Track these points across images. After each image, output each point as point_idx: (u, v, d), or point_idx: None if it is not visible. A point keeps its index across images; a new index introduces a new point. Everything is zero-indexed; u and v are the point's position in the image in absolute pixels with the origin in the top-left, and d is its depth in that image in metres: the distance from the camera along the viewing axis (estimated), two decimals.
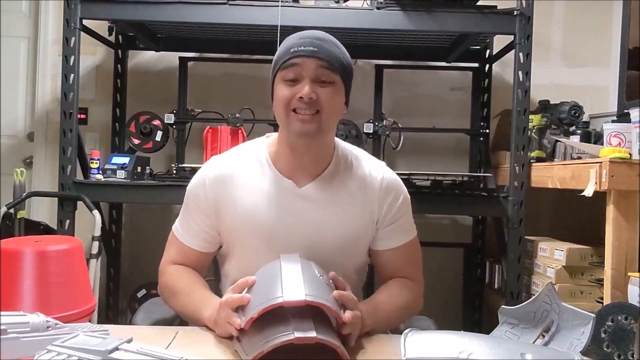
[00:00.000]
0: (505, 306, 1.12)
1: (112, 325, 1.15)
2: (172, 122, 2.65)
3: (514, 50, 2.24)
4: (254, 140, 1.36)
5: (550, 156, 2.34)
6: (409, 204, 1.34)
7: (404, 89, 2.93)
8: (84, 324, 1.03)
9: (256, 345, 0.94)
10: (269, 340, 0.92)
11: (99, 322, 1.46)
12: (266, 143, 1.32)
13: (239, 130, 2.57)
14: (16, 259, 1.18)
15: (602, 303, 1.74)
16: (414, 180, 2.42)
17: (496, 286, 2.61)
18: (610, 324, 1.10)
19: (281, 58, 1.19)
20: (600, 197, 1.71)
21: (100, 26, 2.55)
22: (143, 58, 2.96)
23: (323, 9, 2.24)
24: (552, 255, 2.14)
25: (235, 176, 1.27)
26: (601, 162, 1.68)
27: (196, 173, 1.32)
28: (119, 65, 2.82)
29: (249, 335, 1.00)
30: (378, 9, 2.22)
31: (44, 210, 2.87)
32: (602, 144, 1.95)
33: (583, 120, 2.36)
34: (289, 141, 1.24)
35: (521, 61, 2.21)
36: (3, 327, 0.88)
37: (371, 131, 2.58)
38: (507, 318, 1.11)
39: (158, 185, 2.36)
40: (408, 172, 2.39)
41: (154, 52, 2.86)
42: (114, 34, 2.66)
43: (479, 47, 2.76)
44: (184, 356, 0.85)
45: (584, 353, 0.98)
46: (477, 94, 2.79)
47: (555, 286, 1.12)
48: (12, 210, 2.29)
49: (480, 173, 2.66)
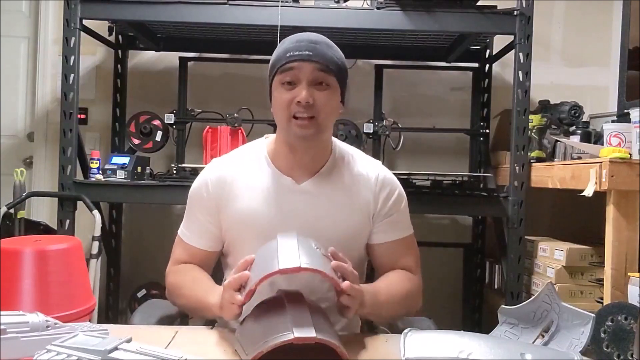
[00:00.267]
0: (505, 306, 1.12)
1: (112, 324, 1.15)
2: (172, 122, 2.65)
3: (514, 50, 2.24)
4: (253, 141, 1.40)
5: (550, 156, 2.34)
6: (404, 201, 1.37)
7: (404, 89, 2.93)
8: (84, 323, 1.02)
9: (256, 345, 0.94)
10: (269, 340, 0.92)
11: (99, 322, 1.46)
12: (265, 143, 1.36)
13: (239, 130, 2.57)
14: (16, 259, 1.18)
15: (602, 303, 1.74)
16: (414, 180, 2.42)
17: (496, 286, 2.61)
18: (610, 324, 1.10)
19: (278, 62, 1.22)
20: (600, 197, 1.71)
21: (100, 26, 2.55)
22: (143, 58, 2.96)
23: (323, 9, 2.24)
24: (552, 255, 2.14)
25: (235, 176, 1.31)
26: (601, 162, 1.68)
27: (198, 176, 1.36)
28: (119, 65, 2.82)
29: (248, 335, 1.00)
30: (378, 9, 2.22)
31: (44, 210, 2.87)
32: (602, 144, 1.94)
33: (583, 120, 2.36)
34: (288, 141, 1.28)
35: (521, 61, 2.21)
36: (3, 327, 0.88)
37: (371, 131, 2.58)
38: (507, 318, 1.11)
39: (158, 185, 2.36)
40: (408, 172, 2.39)
41: (154, 52, 2.86)
42: (114, 34, 2.66)
43: (479, 47, 2.76)
44: (183, 356, 0.84)
45: (583, 353, 0.98)
46: (477, 94, 2.79)
47: (555, 286, 1.12)
48: (12, 210, 2.29)
49: (480, 173, 2.66)
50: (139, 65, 2.95)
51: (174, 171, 2.53)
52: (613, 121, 2.05)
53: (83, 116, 2.84)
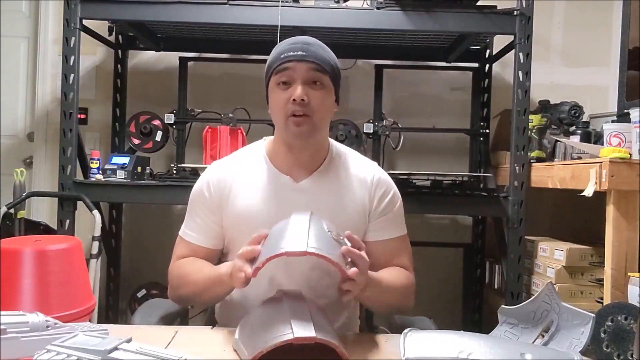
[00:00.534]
0: (505, 306, 1.12)
1: (112, 324, 1.15)
2: (172, 122, 2.65)
3: (514, 50, 2.24)
4: (252, 144, 1.44)
5: (550, 156, 2.34)
6: (399, 202, 1.39)
7: (404, 89, 2.93)
8: (84, 323, 1.03)
9: (256, 345, 0.94)
10: (269, 340, 0.92)
11: (99, 322, 1.46)
12: (263, 144, 1.40)
13: (239, 130, 2.57)
14: (16, 259, 1.18)
15: (602, 303, 1.74)
16: (414, 180, 2.42)
17: (496, 286, 2.61)
18: (610, 324, 1.10)
19: (273, 63, 1.27)
20: (600, 197, 1.71)
21: (100, 26, 2.55)
22: (143, 58, 2.96)
23: (323, 9, 2.24)
24: (552, 255, 2.14)
25: (235, 176, 1.34)
26: (601, 162, 1.68)
27: (199, 178, 1.39)
28: (119, 65, 2.82)
29: (248, 335, 1.00)
30: (378, 9, 2.22)
31: (44, 210, 2.87)
32: (602, 144, 1.95)
33: (583, 120, 2.36)
34: (286, 141, 1.32)
35: (521, 61, 2.21)
36: (3, 327, 0.88)
37: (371, 131, 2.57)
38: (507, 318, 1.11)
39: (158, 185, 2.36)
40: (408, 172, 2.39)
41: (154, 52, 2.86)
42: (114, 34, 2.66)
43: (479, 47, 2.76)
44: (183, 356, 0.85)
45: (583, 353, 0.98)
46: (477, 94, 2.79)
47: (555, 286, 1.12)
48: (12, 210, 2.29)
49: (480, 173, 2.65)
50: (139, 65, 2.95)
51: (174, 171, 2.53)
52: (613, 121, 2.05)
53: (83, 116, 2.84)
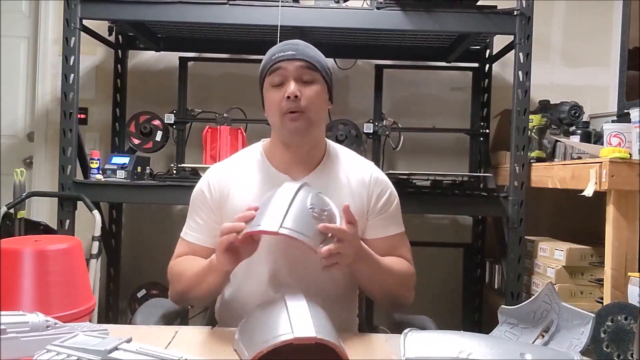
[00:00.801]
0: (505, 306, 1.12)
1: (112, 324, 1.15)
2: (172, 122, 2.65)
3: (514, 50, 2.24)
4: (250, 146, 1.46)
5: (550, 156, 2.33)
6: (396, 200, 1.41)
7: (404, 89, 2.93)
8: (84, 323, 1.03)
9: (256, 345, 0.94)
10: (269, 340, 0.92)
11: (99, 322, 1.47)
12: (261, 145, 1.42)
13: (239, 130, 2.56)
14: (16, 259, 1.18)
15: (602, 303, 1.74)
16: (414, 180, 2.42)
17: (496, 286, 2.61)
18: (610, 324, 1.10)
19: (266, 65, 1.32)
20: (600, 197, 1.71)
21: (100, 26, 2.55)
22: (143, 58, 2.96)
23: (323, 9, 2.24)
24: (552, 255, 2.14)
25: (235, 177, 1.36)
26: (601, 162, 1.68)
27: (199, 180, 1.41)
28: (119, 65, 2.82)
29: (248, 335, 1.00)
30: (378, 9, 2.22)
31: (44, 210, 2.87)
32: (602, 144, 1.94)
33: (583, 120, 2.36)
34: (282, 140, 1.34)
35: (521, 61, 2.21)
36: (3, 327, 0.88)
37: (371, 131, 2.57)
38: (507, 318, 1.11)
39: (158, 185, 2.36)
40: (408, 172, 2.39)
41: (154, 52, 2.86)
42: (114, 34, 2.66)
43: (479, 47, 2.76)
44: (183, 356, 0.85)
45: (583, 353, 0.98)
46: (477, 94, 2.78)
47: (555, 286, 1.12)
48: (12, 210, 2.29)
49: (480, 173, 2.65)
50: (139, 65, 2.95)
51: (174, 171, 2.53)
52: (613, 121, 2.05)
53: (83, 116, 2.83)
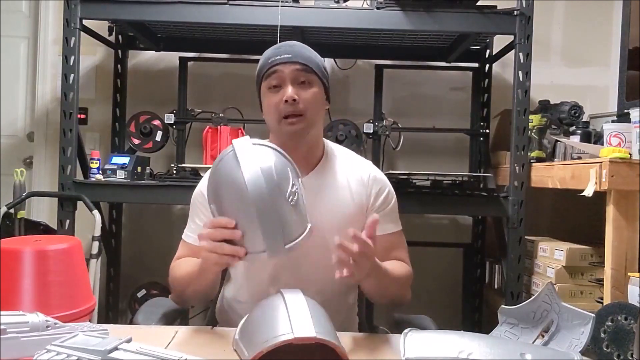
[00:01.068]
0: (505, 306, 1.12)
1: (112, 324, 1.15)
2: (172, 122, 2.65)
3: (514, 50, 2.24)
4: None
5: (550, 156, 2.33)
6: (394, 199, 1.42)
7: (404, 89, 2.93)
8: (84, 323, 1.03)
9: (256, 345, 0.94)
10: (269, 340, 0.92)
11: (99, 322, 1.46)
12: None
13: (239, 130, 2.56)
14: (16, 259, 1.18)
15: (602, 303, 1.74)
16: (414, 180, 2.42)
17: (496, 286, 2.61)
18: (610, 324, 1.10)
19: (262, 69, 1.32)
20: (600, 197, 1.71)
21: (100, 26, 2.55)
22: (143, 58, 2.96)
23: (323, 9, 2.24)
24: (552, 255, 2.14)
25: None
26: (601, 162, 1.68)
27: (199, 182, 1.41)
28: (119, 65, 2.82)
29: (248, 335, 1.00)
30: (378, 9, 2.22)
31: (44, 210, 2.87)
32: (602, 144, 1.95)
33: (583, 120, 2.36)
34: (281, 142, 1.32)
35: (521, 61, 2.21)
36: (3, 327, 0.88)
37: (371, 131, 2.57)
38: (507, 318, 1.11)
39: (158, 185, 2.36)
40: (408, 172, 2.39)
41: (154, 52, 2.86)
42: (114, 34, 2.66)
43: (479, 47, 2.76)
44: (183, 356, 0.84)
45: (583, 353, 0.98)
46: (477, 94, 2.79)
47: (555, 286, 1.12)
48: (12, 210, 2.29)
49: (480, 173, 2.65)
50: (139, 65, 2.95)
51: (174, 171, 2.53)
52: (613, 121, 2.05)
53: (83, 116, 2.83)
